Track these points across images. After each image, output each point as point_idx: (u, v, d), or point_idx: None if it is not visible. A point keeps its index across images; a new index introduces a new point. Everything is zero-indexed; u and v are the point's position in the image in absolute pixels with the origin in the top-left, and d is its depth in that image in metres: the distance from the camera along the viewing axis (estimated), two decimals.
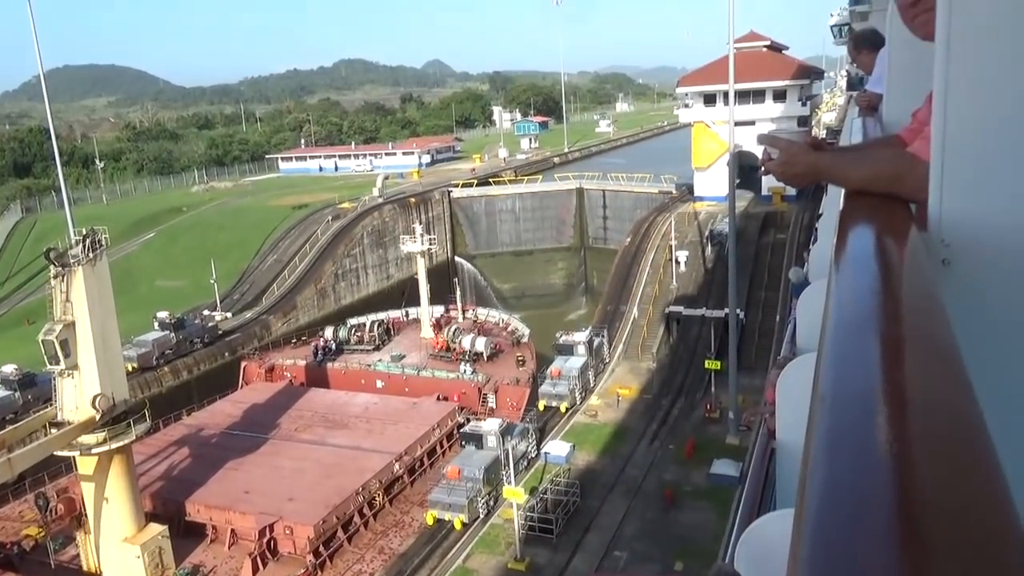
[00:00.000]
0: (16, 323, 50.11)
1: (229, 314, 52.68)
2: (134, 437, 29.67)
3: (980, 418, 0.76)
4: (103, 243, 29.28)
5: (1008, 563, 0.57)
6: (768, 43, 66.83)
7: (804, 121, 64.68)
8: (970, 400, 0.79)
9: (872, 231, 1.54)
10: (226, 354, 48.42)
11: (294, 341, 50.34)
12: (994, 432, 0.76)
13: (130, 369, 38.91)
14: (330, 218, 64.49)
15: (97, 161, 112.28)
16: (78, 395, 28.53)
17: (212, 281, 53.60)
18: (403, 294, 59.28)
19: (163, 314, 46.63)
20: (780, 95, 61.42)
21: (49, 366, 28.56)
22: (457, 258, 72.82)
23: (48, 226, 67.59)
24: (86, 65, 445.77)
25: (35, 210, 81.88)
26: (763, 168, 2.17)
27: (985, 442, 0.72)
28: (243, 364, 47.56)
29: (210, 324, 49.62)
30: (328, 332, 49.38)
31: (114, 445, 28.49)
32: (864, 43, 6.99)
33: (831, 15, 67.48)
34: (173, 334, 46.00)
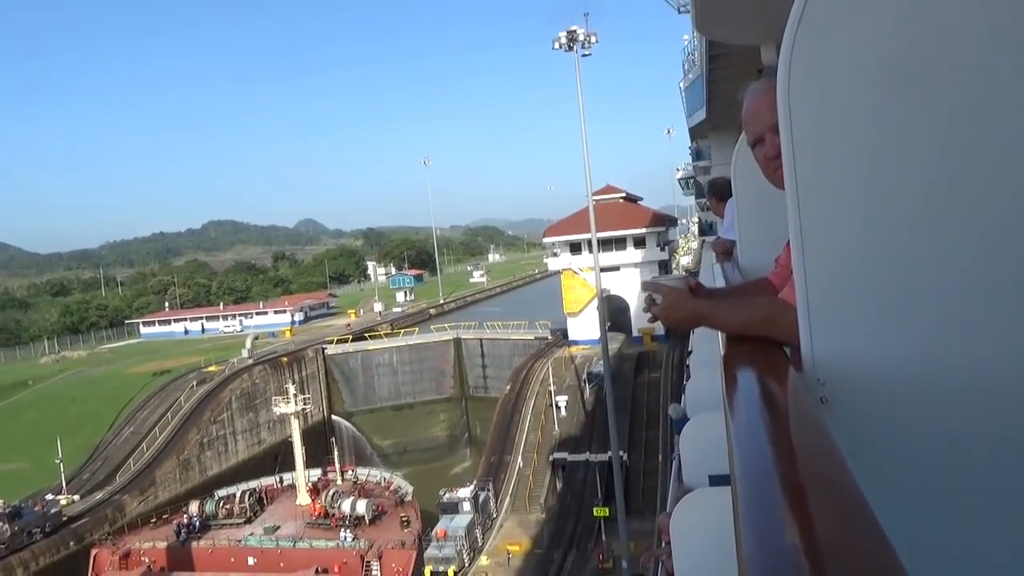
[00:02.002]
0: None
1: (76, 496, 47.70)
2: None
3: (900, 566, 0.80)
4: None
5: None
6: (624, 195, 71.72)
7: (664, 264, 68.67)
8: (888, 549, 0.84)
9: (756, 375, 1.62)
10: (71, 543, 43.30)
11: (154, 520, 45.83)
12: None
13: None
14: (195, 383, 61.10)
15: None
16: None
17: (58, 461, 48.76)
18: (276, 459, 56.03)
19: None
20: (640, 241, 65.34)
21: None
22: (334, 416, 70.24)
23: None
24: None
25: None
26: (649, 313, 2.27)
27: None
28: (93, 552, 42.62)
29: (52, 510, 44.56)
30: (193, 507, 45.40)
31: None
32: (716, 191, 7.31)
33: (677, 169, 73.93)
34: (6, 526, 40.87)
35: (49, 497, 46.71)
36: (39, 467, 50.89)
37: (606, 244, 61.23)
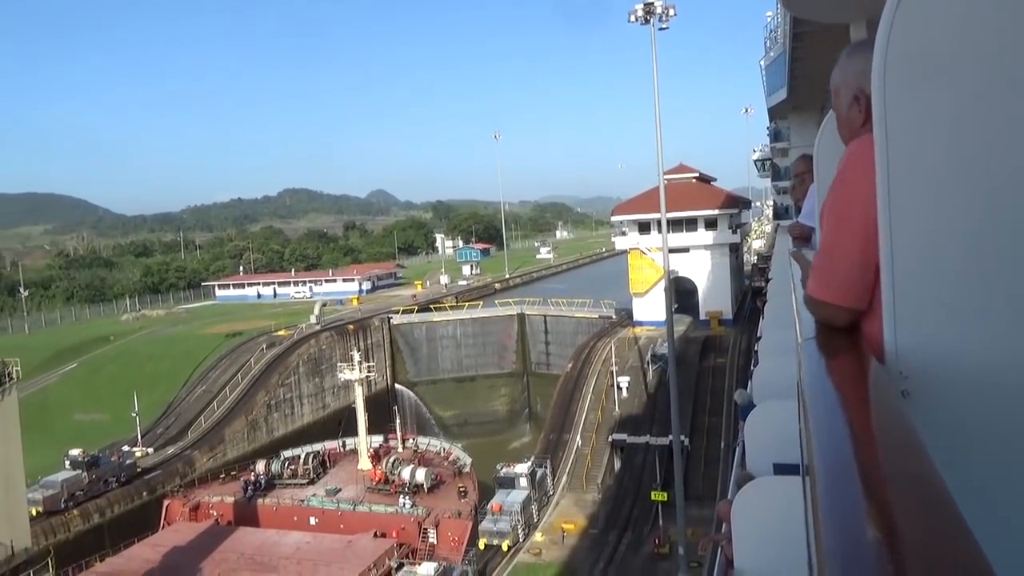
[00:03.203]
0: None
1: (150, 449, 49.88)
2: None
3: (986, 564, 0.79)
4: (13, 376, 27.61)
5: None
6: (697, 175, 70.16)
7: (735, 248, 67.01)
8: (974, 546, 0.82)
9: (835, 364, 1.62)
10: (144, 493, 45.40)
11: (222, 476, 47.65)
12: None
13: (34, 513, 36.04)
14: (264, 346, 62.91)
15: (21, 289, 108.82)
16: None
17: (134, 414, 50.99)
18: (340, 424, 57.33)
19: (75, 452, 43.85)
20: (711, 223, 63.89)
21: None
22: (397, 385, 71.42)
23: None
24: (23, 193, 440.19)
25: None
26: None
27: None
28: (166, 503, 44.60)
29: (128, 461, 46.72)
30: (259, 466, 47.00)
31: None
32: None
33: (754, 151, 71.83)
34: (85, 473, 43.08)
35: (125, 448, 48.98)
36: (117, 419, 53.28)
37: (676, 224, 60.07)
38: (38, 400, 55.53)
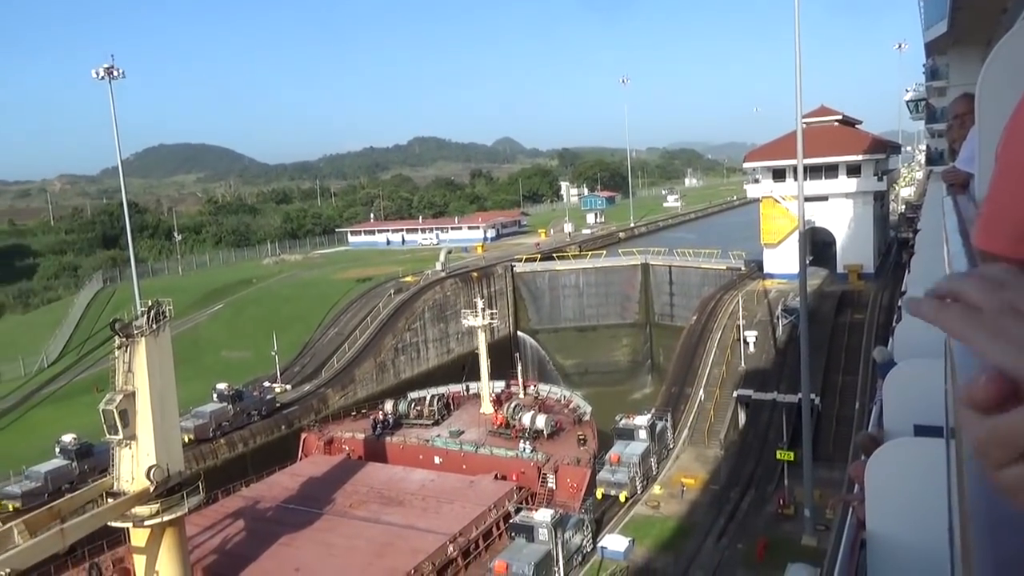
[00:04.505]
0: (86, 390, 51.30)
1: (288, 386, 52.95)
2: (187, 510, 29.42)
3: None
4: (167, 315, 29.61)
5: None
6: (840, 117, 65.65)
7: (881, 196, 62.58)
8: None
9: None
10: (283, 427, 48.44)
11: (354, 413, 50.08)
12: None
13: (187, 440, 39.07)
14: (392, 292, 64.95)
15: (176, 234, 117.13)
16: (134, 465, 28.49)
17: (273, 353, 54.15)
18: (463, 368, 58.67)
19: (222, 385, 47.25)
20: (854, 169, 59.79)
21: (108, 436, 28.65)
22: (519, 333, 72.13)
23: (126, 296, 70.07)
24: (180, 143, 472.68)
25: (116, 280, 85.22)
26: None
27: None
28: (303, 436, 47.44)
29: (268, 396, 49.90)
30: (388, 405, 49.02)
31: (166, 517, 28.29)
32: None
33: (906, 91, 66.52)
34: (231, 406, 46.41)
35: (266, 384, 52.22)
36: (258, 357, 56.71)
37: (814, 171, 56.61)
38: (189, 337, 59.86)
